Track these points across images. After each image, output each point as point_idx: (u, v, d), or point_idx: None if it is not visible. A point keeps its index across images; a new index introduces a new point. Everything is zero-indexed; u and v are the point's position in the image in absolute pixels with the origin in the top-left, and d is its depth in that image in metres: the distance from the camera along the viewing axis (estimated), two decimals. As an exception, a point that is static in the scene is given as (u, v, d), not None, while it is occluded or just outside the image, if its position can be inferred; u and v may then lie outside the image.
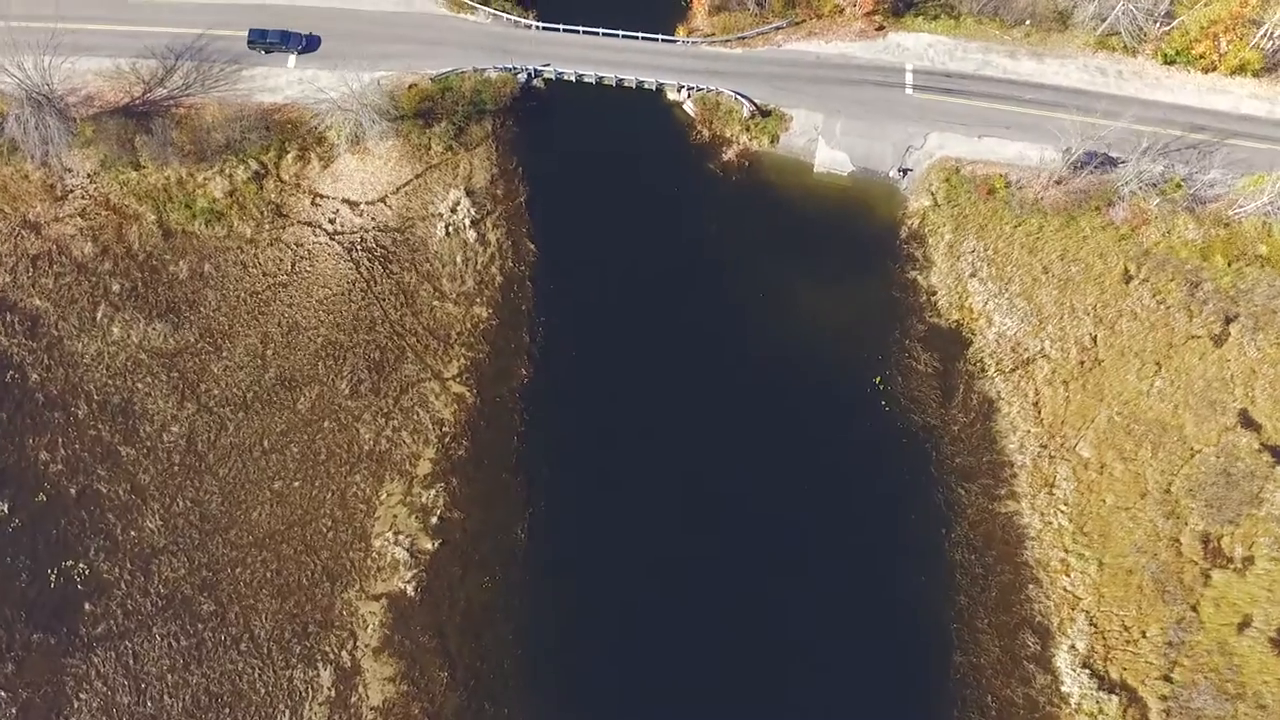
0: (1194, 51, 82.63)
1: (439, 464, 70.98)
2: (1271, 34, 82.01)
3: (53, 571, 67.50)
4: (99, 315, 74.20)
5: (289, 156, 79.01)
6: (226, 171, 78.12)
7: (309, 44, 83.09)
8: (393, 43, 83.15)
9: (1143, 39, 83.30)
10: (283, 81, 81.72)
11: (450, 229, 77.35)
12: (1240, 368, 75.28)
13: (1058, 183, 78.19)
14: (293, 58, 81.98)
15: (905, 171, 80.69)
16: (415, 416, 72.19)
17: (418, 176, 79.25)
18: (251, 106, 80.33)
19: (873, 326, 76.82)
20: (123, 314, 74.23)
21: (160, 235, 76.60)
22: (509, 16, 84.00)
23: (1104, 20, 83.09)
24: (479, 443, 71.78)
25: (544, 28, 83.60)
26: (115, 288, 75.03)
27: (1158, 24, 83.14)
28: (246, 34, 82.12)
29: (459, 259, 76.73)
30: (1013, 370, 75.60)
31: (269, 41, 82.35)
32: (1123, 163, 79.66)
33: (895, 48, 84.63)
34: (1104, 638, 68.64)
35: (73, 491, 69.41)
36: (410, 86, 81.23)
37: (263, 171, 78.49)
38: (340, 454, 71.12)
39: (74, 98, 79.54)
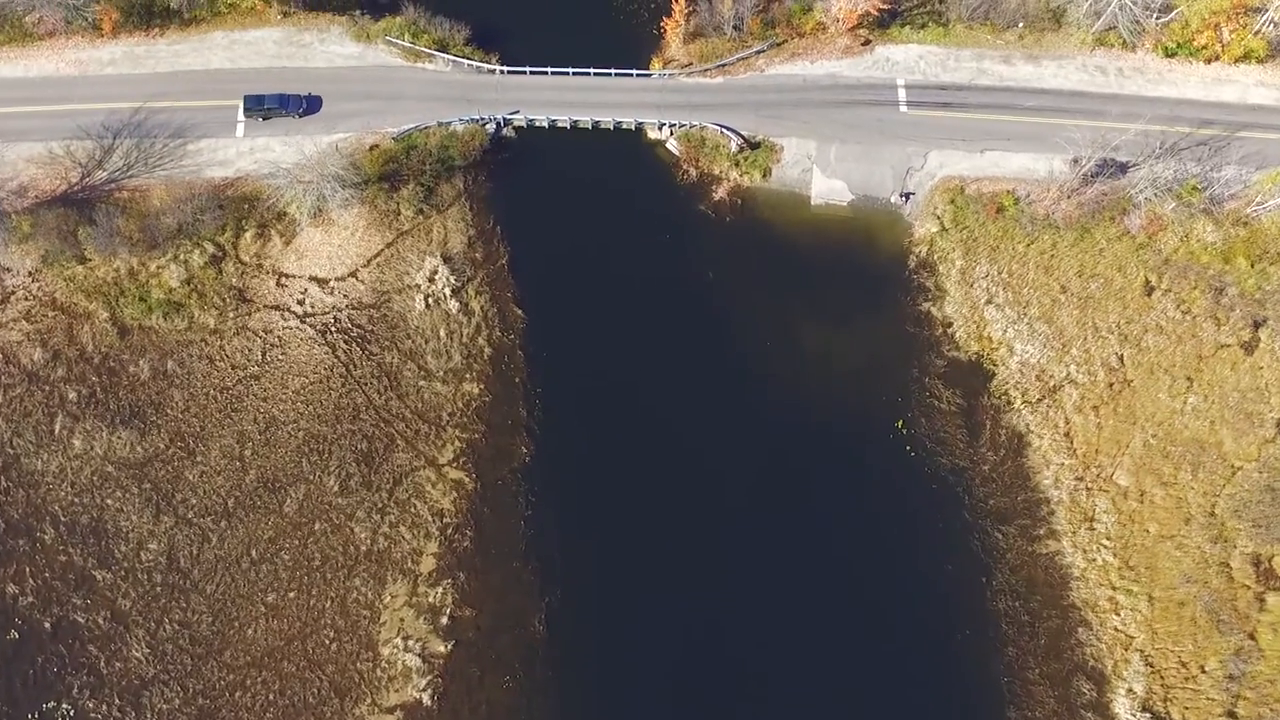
0: (1195, 43, 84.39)
1: (443, 558, 71.13)
2: (1275, 19, 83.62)
3: (33, 716, 66.83)
4: (57, 427, 73.60)
5: (247, 235, 78.88)
6: (181, 258, 77.83)
7: (310, 105, 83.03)
8: (347, 100, 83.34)
9: (1141, 33, 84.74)
10: (233, 154, 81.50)
11: (430, 300, 77.50)
12: (1274, 375, 77.12)
13: (1068, 195, 79.51)
14: (241, 126, 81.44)
15: (908, 196, 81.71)
16: (412, 509, 72.21)
17: (389, 246, 79.37)
18: (201, 184, 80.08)
19: (888, 366, 78.08)
20: (83, 424, 73.70)
21: (115, 333, 76.20)
22: (470, 62, 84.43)
23: (1099, 16, 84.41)
24: (484, 531, 72.07)
25: (509, 72, 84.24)
26: (72, 395, 74.46)
27: (1154, 16, 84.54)
28: (243, 103, 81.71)
29: (442, 333, 76.91)
30: (1040, 400, 76.94)
31: (266, 107, 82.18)
32: (1132, 167, 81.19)
33: (884, 62, 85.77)
34: (1162, 677, 70.12)
35: (47, 625, 68.87)
36: (371, 148, 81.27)
37: (220, 254, 78.27)
38: (336, 557, 71.09)
39: (6, 189, 79.07)
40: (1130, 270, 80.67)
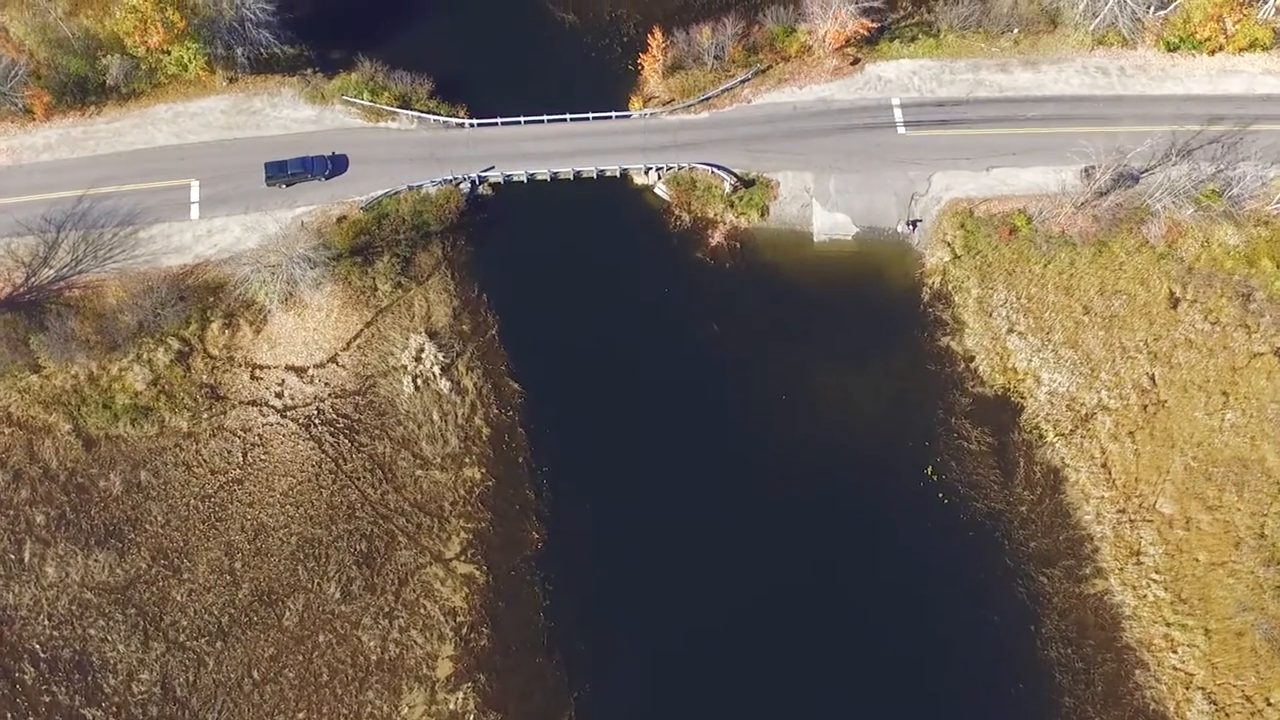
0: (1198, 35, 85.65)
1: (461, 661, 71.07)
2: (1279, 6, 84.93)
3: None
4: (26, 555, 72.82)
5: (214, 327, 78.49)
6: (144, 357, 77.31)
7: (335, 166, 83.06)
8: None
9: (1140, 29, 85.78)
10: (189, 238, 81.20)
11: (419, 381, 77.49)
12: (1312, 381, 78.52)
13: (1083, 210, 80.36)
14: (195, 208, 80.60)
15: (915, 223, 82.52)
16: (422, 610, 72.02)
17: (368, 325, 79.12)
18: (158, 275, 79.65)
19: (911, 409, 79.27)
20: (55, 549, 72.93)
21: (81, 446, 75.52)
22: (437, 117, 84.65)
23: (1097, 15, 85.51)
24: (501, 628, 72.17)
25: (479, 125, 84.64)
26: (40, 519, 73.63)
27: (1151, 9, 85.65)
28: (265, 172, 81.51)
29: (435, 415, 76.87)
30: (1073, 431, 78.05)
31: (290, 174, 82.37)
32: (1145, 173, 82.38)
33: (876, 81, 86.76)
34: (1226, 715, 71.48)
35: (38, 775, 67.74)
36: (339, 220, 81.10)
37: (187, 350, 77.82)
38: (345, 670, 70.79)
39: (-55, 299, 77.58)
40: (1153, 283, 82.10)
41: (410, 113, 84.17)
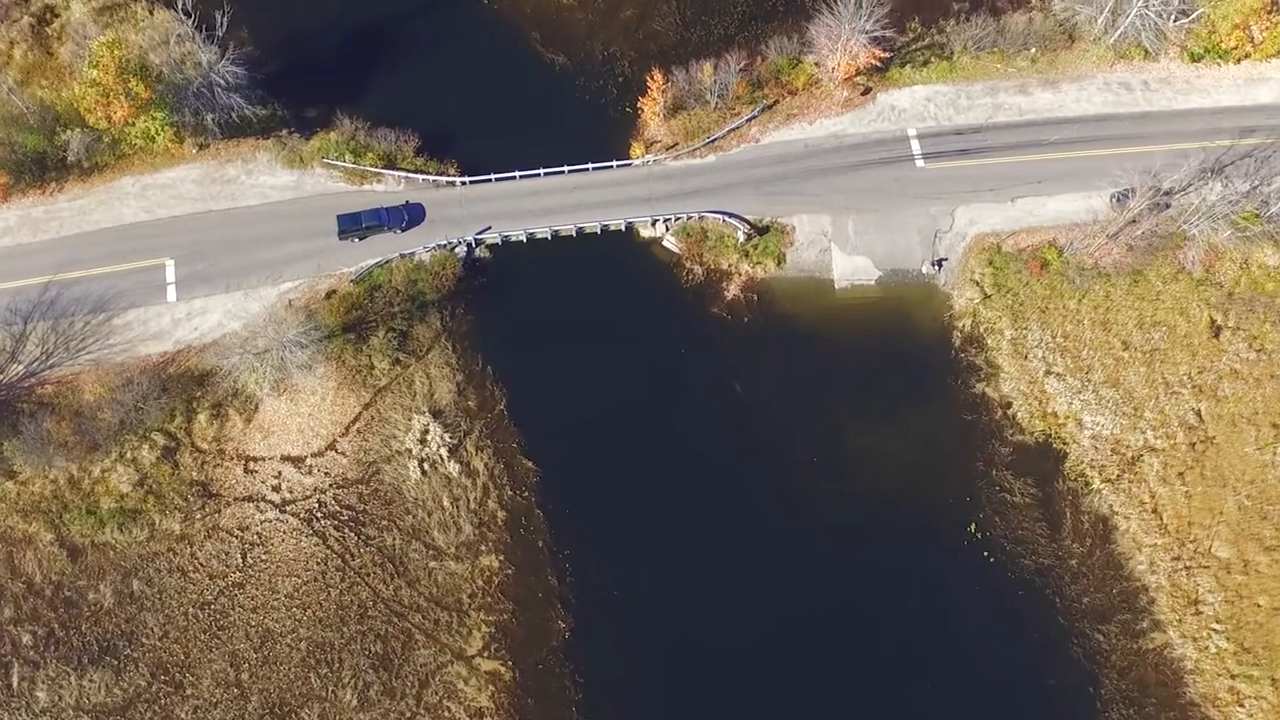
0: (1224, 45, 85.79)
1: (491, 766, 70.40)
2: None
3: None
4: (15, 680, 72.30)
5: (201, 418, 78.00)
6: (128, 456, 76.86)
7: (412, 216, 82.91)
8: (290, 241, 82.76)
9: (1163, 41, 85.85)
10: (167, 323, 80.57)
11: (425, 465, 77.33)
12: (1365, 408, 79.22)
13: (1116, 239, 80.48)
14: (172, 289, 79.75)
15: (940, 263, 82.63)
16: (447, 713, 72.10)
17: (367, 407, 78.78)
18: (136, 365, 79.14)
19: (949, 462, 79.87)
20: (45, 671, 72.35)
21: (66, 557, 74.90)
22: (425, 177, 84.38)
23: (1117, 29, 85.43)
24: (532, 727, 71.48)
25: (471, 182, 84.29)
26: (26, 639, 72.98)
27: (1173, 18, 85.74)
28: (337, 225, 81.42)
29: (446, 501, 76.68)
30: (1119, 476, 78.70)
31: (365, 226, 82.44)
32: (1178, 193, 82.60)
33: (890, 111, 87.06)
34: (1299, 771, 71.84)
35: None
36: (328, 295, 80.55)
37: (174, 445, 77.36)
38: (368, 784, 69.96)
39: (-93, 405, 76.39)
40: (1193, 312, 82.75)
41: (396, 173, 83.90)
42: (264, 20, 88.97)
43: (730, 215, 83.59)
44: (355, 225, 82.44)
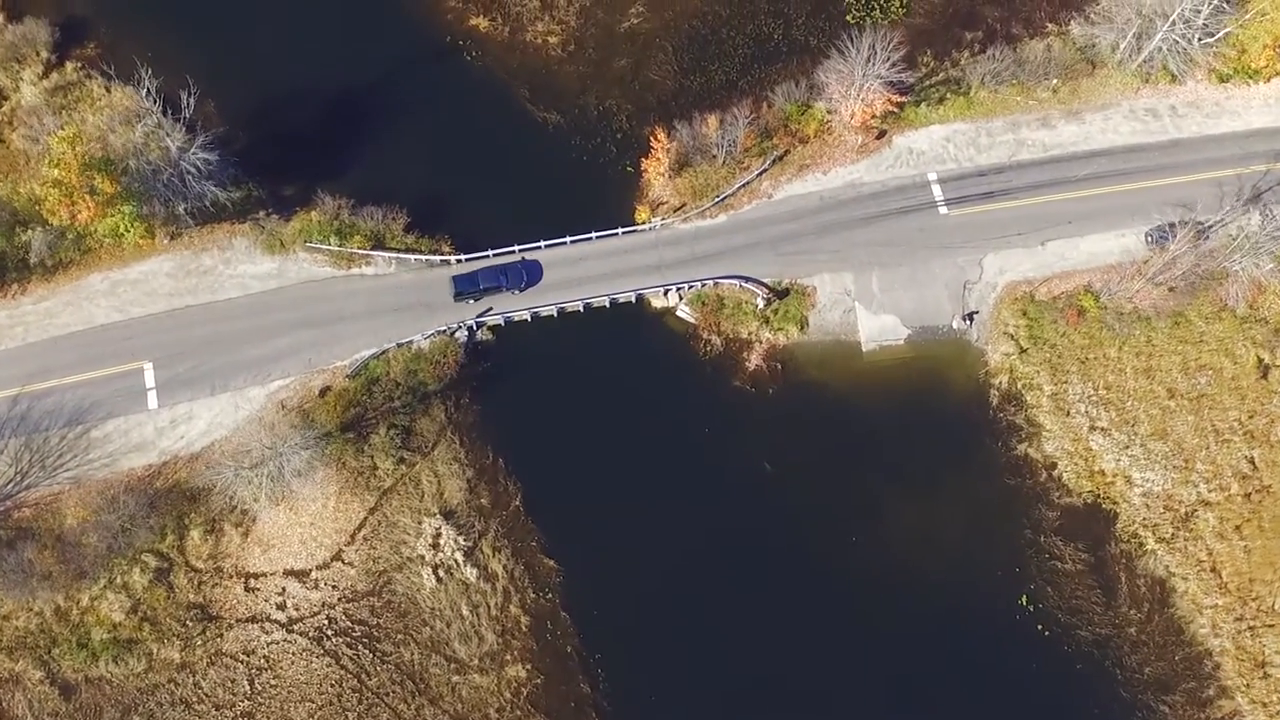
0: (1253, 65, 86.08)
1: None
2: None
3: None
4: None
5: (194, 535, 77.17)
6: (119, 581, 75.86)
7: (530, 275, 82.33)
8: (277, 335, 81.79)
9: (1190, 64, 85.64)
10: (150, 432, 79.40)
11: (440, 572, 76.80)
12: None
13: (1153, 278, 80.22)
14: (153, 395, 78.41)
15: (971, 316, 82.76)
16: (482, 841, 70.61)
17: (372, 512, 78.26)
18: (120, 481, 78.12)
19: (994, 531, 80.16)
20: None
21: (58, 696, 73.78)
22: (417, 256, 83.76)
23: (1141, 52, 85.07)
24: None
25: (468, 259, 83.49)
26: (21, 789, 70.88)
27: (1198, 38, 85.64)
28: (452, 287, 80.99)
29: (465, 609, 76.16)
30: (1174, 534, 79.24)
31: (483, 288, 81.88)
32: (1216, 225, 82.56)
33: (908, 155, 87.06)
34: (1381, 839, 72.22)
35: None
36: (322, 392, 79.54)
37: (166, 566, 76.50)
38: None
39: None
40: (1239, 352, 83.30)
41: (386, 254, 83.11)
42: (230, 91, 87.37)
43: (747, 280, 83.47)
44: (472, 287, 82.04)
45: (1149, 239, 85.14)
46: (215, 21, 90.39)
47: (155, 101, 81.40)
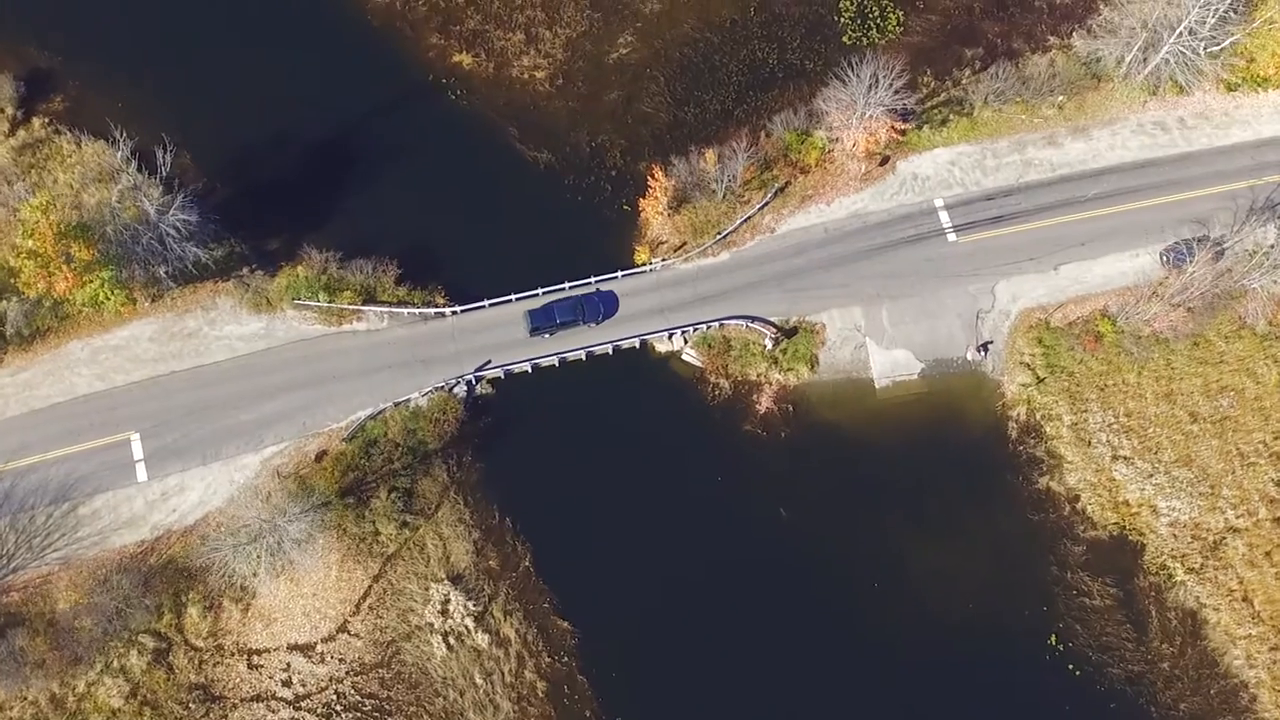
0: (1262, 74, 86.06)
1: None
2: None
3: None
4: None
5: (192, 613, 76.44)
6: (115, 665, 75.10)
7: (606, 307, 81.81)
8: (268, 398, 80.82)
9: (1198, 74, 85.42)
10: (140, 506, 78.45)
11: (450, 639, 76.32)
12: None
13: (1169, 299, 79.95)
14: (141, 467, 77.46)
15: (985, 347, 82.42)
16: None
17: (377, 579, 77.61)
18: (112, 560, 77.21)
19: (1019, 569, 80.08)
20: None
21: None
22: (410, 310, 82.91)
23: (1147, 65, 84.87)
24: None
25: (463, 311, 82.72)
26: None
27: (1204, 46, 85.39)
28: (527, 322, 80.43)
29: (479, 677, 75.74)
30: (1203, 564, 79.43)
31: (559, 322, 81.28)
32: (1231, 241, 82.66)
33: (912, 181, 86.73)
34: None
35: None
36: (319, 457, 78.79)
37: (165, 646, 75.81)
38: None
39: None
40: (1260, 371, 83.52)
41: (378, 308, 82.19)
42: (205, 141, 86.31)
43: (753, 319, 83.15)
44: (548, 321, 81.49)
45: (1164, 258, 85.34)
46: (186, 69, 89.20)
47: (129, 161, 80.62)
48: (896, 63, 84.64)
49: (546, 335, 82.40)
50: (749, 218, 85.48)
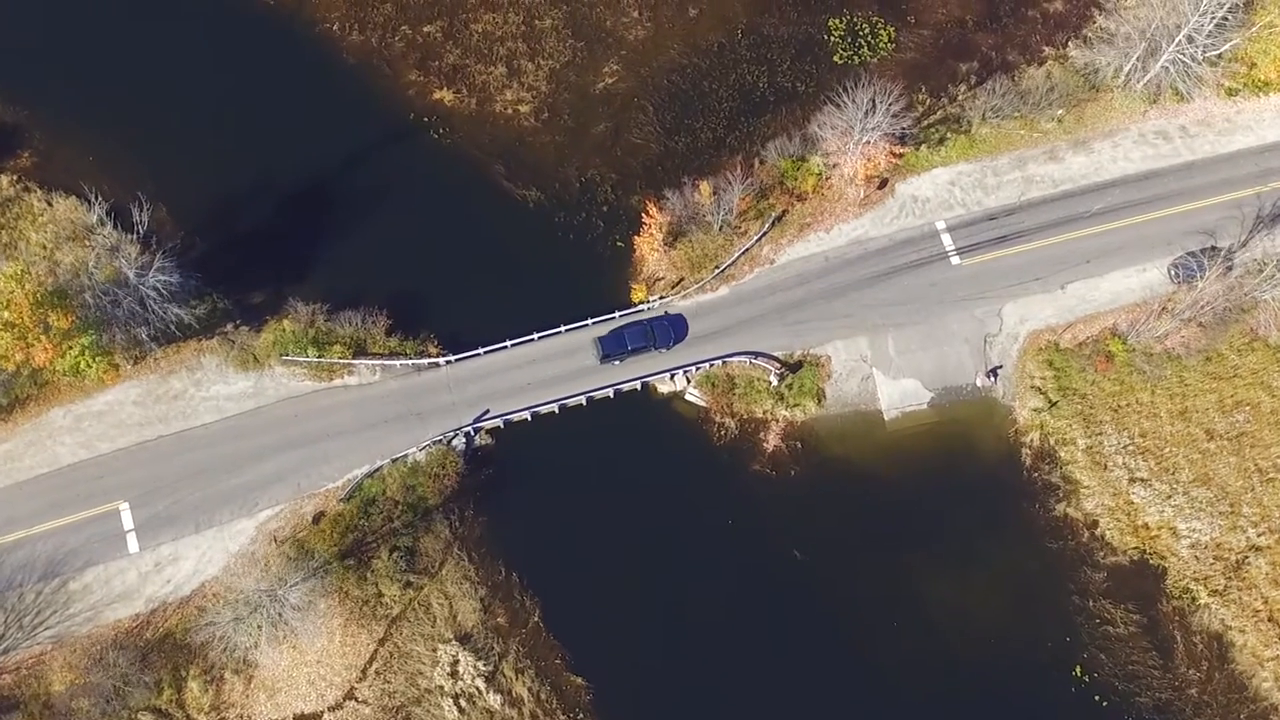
0: (1263, 79, 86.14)
1: None
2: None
3: None
4: None
5: (193, 687, 75.66)
6: None
7: (677, 330, 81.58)
8: (260, 460, 79.81)
9: (1199, 81, 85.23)
10: (133, 579, 77.54)
11: (461, 702, 75.80)
12: None
13: (1184, 319, 79.91)
14: (132, 538, 76.43)
15: (995, 372, 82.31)
16: None
17: (382, 643, 76.80)
18: (106, 636, 76.28)
19: (1040, 599, 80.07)
20: None
21: None
22: (403, 361, 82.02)
23: (1147, 74, 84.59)
24: None
25: (457, 360, 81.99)
26: None
27: (1203, 51, 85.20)
28: (598, 349, 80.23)
29: None
30: (1227, 585, 79.72)
31: (630, 349, 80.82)
32: (1238, 251, 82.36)
33: (912, 203, 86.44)
34: None
35: None
36: (316, 519, 78.10)
37: None
38: None
39: None
40: (1275, 384, 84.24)
41: (370, 361, 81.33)
42: (181, 192, 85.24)
43: (756, 355, 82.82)
44: (619, 348, 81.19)
45: (1172, 272, 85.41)
46: (158, 117, 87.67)
47: (104, 222, 79.73)
48: (893, 85, 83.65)
49: (617, 362, 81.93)
50: (747, 249, 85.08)
